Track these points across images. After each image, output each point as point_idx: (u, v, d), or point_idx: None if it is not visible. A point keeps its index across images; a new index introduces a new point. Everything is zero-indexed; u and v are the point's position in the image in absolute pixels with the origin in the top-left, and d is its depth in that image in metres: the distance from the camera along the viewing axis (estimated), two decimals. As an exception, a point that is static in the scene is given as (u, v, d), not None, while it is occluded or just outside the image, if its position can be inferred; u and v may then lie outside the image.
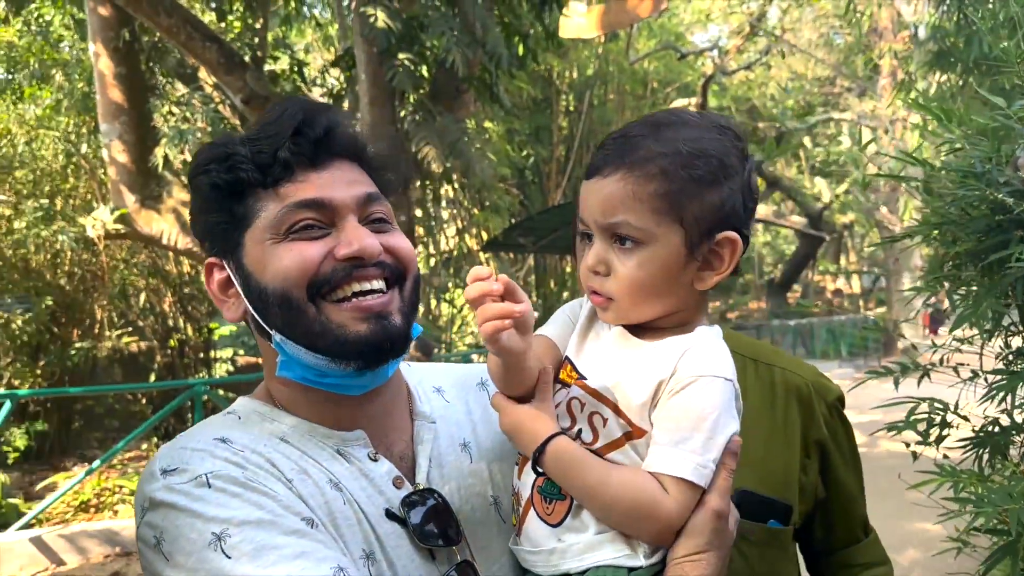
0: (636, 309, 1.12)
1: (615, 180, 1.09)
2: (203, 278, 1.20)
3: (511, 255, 16.77)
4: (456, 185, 14.52)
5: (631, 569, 1.07)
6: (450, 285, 15.69)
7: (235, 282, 1.18)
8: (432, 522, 1.15)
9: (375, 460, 1.18)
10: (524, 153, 18.10)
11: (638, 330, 1.15)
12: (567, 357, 1.18)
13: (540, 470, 1.10)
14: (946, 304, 1.83)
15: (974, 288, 1.77)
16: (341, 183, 1.16)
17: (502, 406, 1.13)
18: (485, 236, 15.44)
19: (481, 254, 15.75)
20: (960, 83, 3.84)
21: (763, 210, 28.04)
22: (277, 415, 1.19)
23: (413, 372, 1.36)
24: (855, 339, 20.99)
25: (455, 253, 16.13)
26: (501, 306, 1.03)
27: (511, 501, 1.22)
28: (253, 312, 1.17)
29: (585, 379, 1.12)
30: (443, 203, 15.65)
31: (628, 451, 1.08)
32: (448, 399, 1.35)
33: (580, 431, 1.11)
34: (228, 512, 1.00)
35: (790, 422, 1.57)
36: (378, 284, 1.14)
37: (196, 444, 1.08)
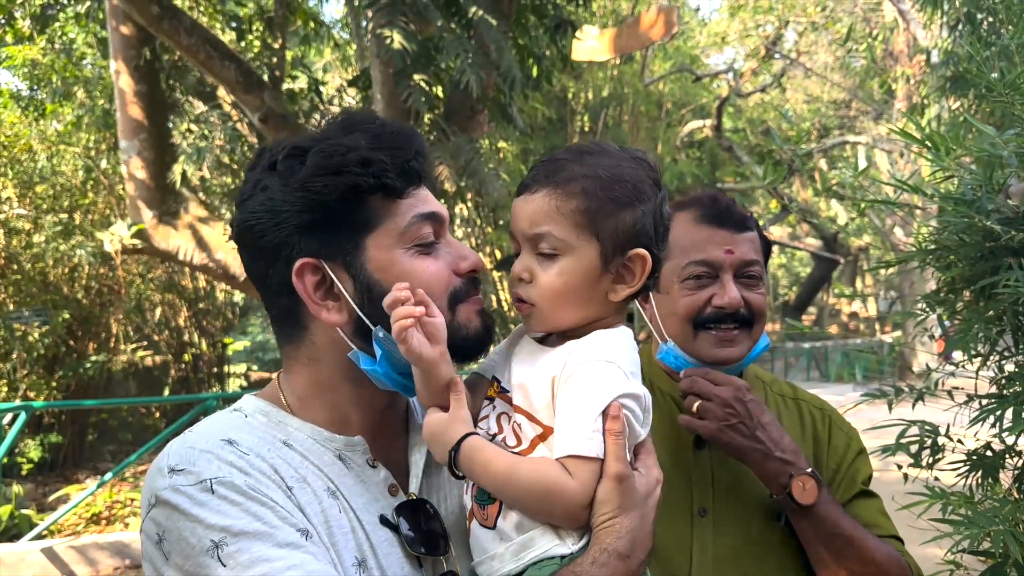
0: (556, 315, 1.22)
1: (541, 196, 1.21)
2: (293, 278, 1.18)
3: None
4: (470, 204, 14.61)
5: (563, 556, 1.13)
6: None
7: (340, 284, 1.18)
8: (422, 531, 1.20)
9: (373, 467, 1.23)
10: (538, 173, 18.16)
11: (553, 340, 1.25)
12: (494, 376, 1.27)
13: (458, 472, 1.17)
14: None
15: (968, 312, 1.80)
16: (435, 202, 1.26)
17: (429, 412, 1.20)
18: (499, 255, 15.51)
19: (495, 272, 15.81)
20: (973, 109, 3.86)
21: (778, 232, 27.98)
22: (282, 416, 1.22)
23: None
24: (870, 363, 20.84)
25: (468, 271, 16.15)
26: (409, 308, 1.12)
27: None
28: (360, 312, 1.19)
29: (507, 392, 1.23)
30: (457, 222, 15.73)
31: (542, 450, 1.16)
32: None
33: (505, 438, 1.19)
34: (227, 520, 1.05)
35: (819, 451, 1.76)
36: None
37: (203, 444, 1.12)
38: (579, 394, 1.13)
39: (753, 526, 1.66)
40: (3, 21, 11.85)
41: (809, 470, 1.55)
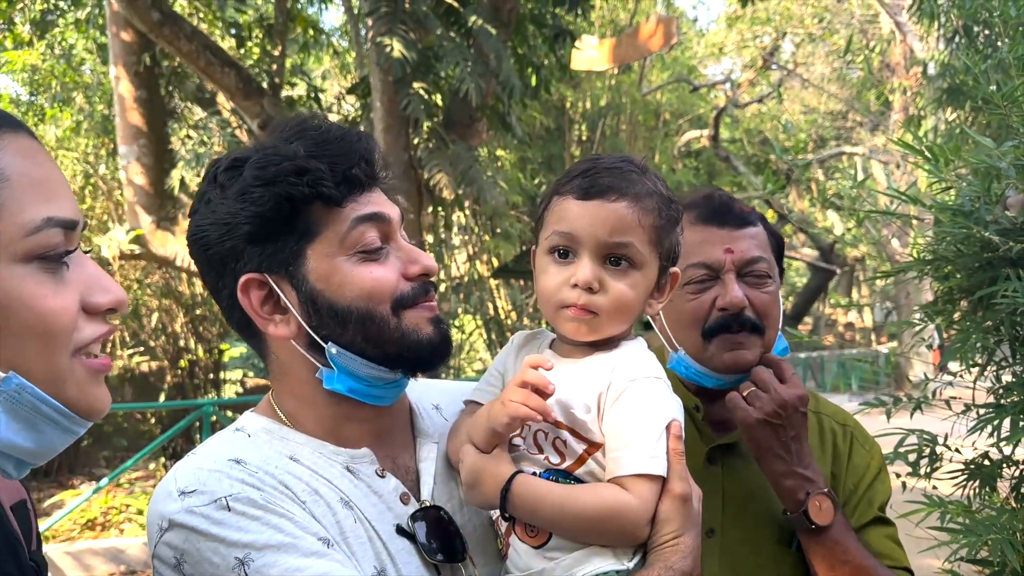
0: (612, 326, 1.22)
1: (623, 206, 1.19)
2: (238, 295, 1.16)
3: (521, 282, 16.82)
4: (468, 212, 14.61)
5: (618, 571, 1.13)
6: (460, 311, 15.73)
7: (285, 299, 1.16)
8: (438, 538, 1.19)
9: (382, 477, 1.21)
10: (536, 181, 18.20)
11: (567, 351, 1.24)
12: None
13: (508, 514, 1.16)
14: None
15: (966, 322, 1.81)
16: (385, 203, 1.20)
17: (464, 456, 1.19)
18: (496, 263, 15.51)
19: (492, 280, 15.81)
20: (969, 121, 3.88)
21: (774, 242, 27.88)
22: (285, 432, 1.20)
23: (413, 389, 1.38)
24: (866, 373, 20.84)
25: (466, 279, 16.18)
26: (543, 404, 1.13)
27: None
28: (307, 326, 1.16)
29: None
30: (454, 229, 15.72)
31: (591, 464, 1.16)
32: (446, 416, 1.37)
33: (548, 457, 1.18)
34: (250, 536, 1.04)
35: (837, 469, 1.68)
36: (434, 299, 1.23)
37: (211, 465, 1.11)
38: (638, 413, 1.14)
39: (763, 551, 1.59)
40: (3, 26, 11.87)
41: (827, 490, 1.50)
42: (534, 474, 1.18)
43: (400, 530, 1.17)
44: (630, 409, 1.14)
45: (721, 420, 1.64)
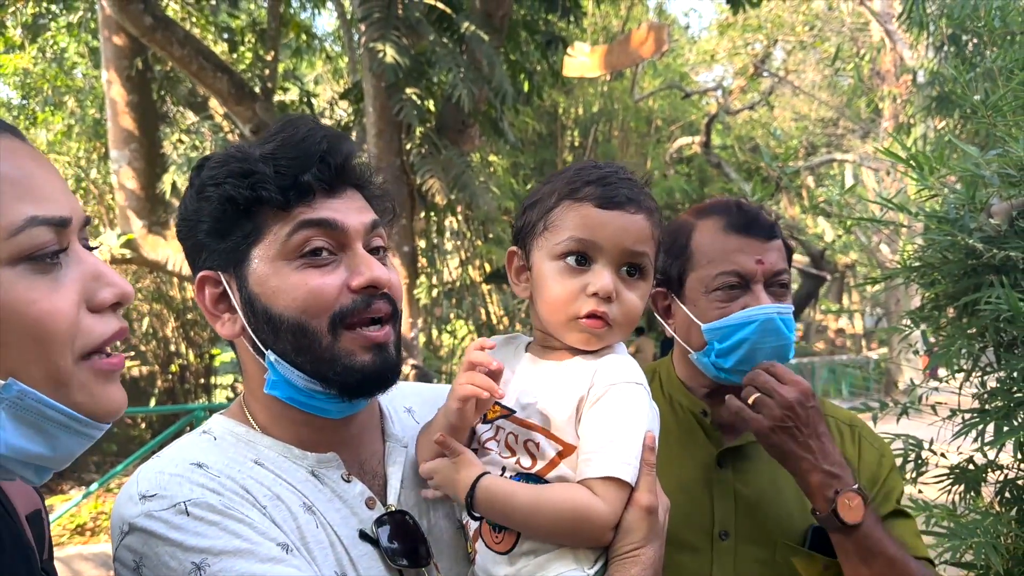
0: (618, 336, 1.24)
1: (642, 218, 1.23)
2: (193, 291, 1.19)
3: (513, 288, 16.81)
4: (460, 217, 14.62)
5: None
6: (452, 316, 15.73)
7: (233, 298, 1.16)
8: (402, 543, 1.18)
9: (348, 481, 1.20)
10: (528, 187, 18.22)
11: (544, 353, 1.26)
12: None
13: (476, 514, 1.18)
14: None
15: (951, 329, 1.83)
16: (351, 210, 1.17)
17: (432, 467, 1.21)
18: (488, 268, 15.52)
19: (484, 285, 15.82)
20: (957, 129, 3.92)
21: (765, 248, 27.95)
22: (252, 436, 1.20)
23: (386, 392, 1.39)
24: (856, 379, 20.91)
25: (457, 284, 16.18)
26: (489, 382, 1.15)
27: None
28: (249, 330, 1.16)
29: (513, 412, 1.21)
30: (447, 234, 15.74)
31: (563, 468, 1.17)
32: (418, 419, 1.36)
33: (519, 459, 1.19)
34: (207, 541, 1.03)
35: (850, 465, 1.65)
36: (385, 315, 1.16)
37: (173, 469, 1.10)
38: (616, 418, 1.15)
39: (777, 551, 1.59)
40: (-6, 30, 11.84)
41: (856, 486, 1.47)
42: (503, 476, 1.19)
43: (363, 535, 1.16)
44: (608, 413, 1.15)
45: (729, 423, 1.64)
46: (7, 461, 0.84)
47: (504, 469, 1.21)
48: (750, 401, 1.52)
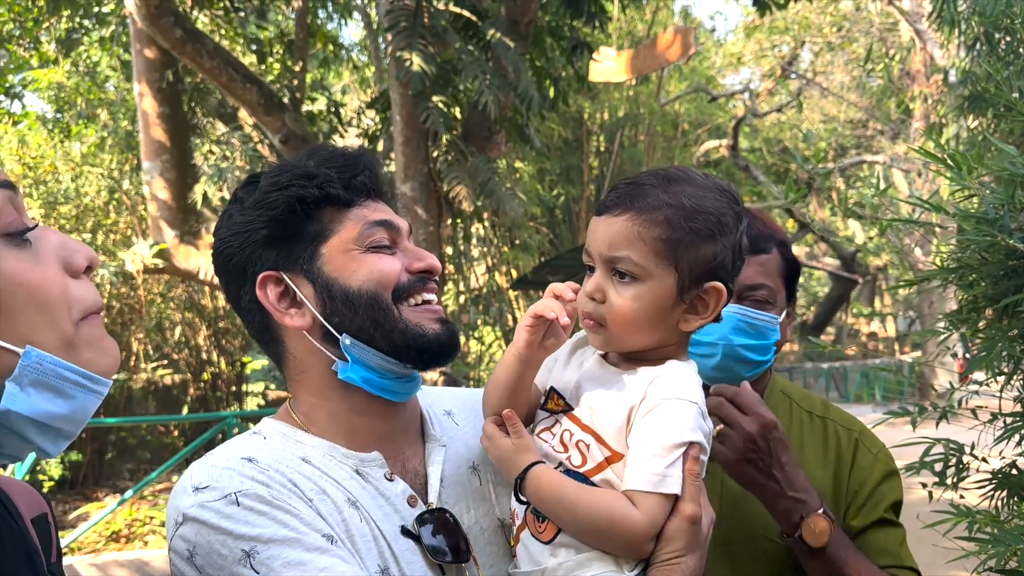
0: (623, 338, 1.23)
1: (623, 220, 1.21)
2: (256, 291, 1.26)
3: (540, 293, 16.82)
4: (487, 223, 14.66)
5: None
6: (479, 322, 15.76)
7: (300, 291, 1.25)
8: (443, 539, 1.23)
9: (391, 480, 1.26)
10: (554, 192, 18.24)
11: (617, 359, 1.26)
12: (552, 387, 1.29)
13: (523, 497, 1.21)
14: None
15: (991, 331, 1.80)
16: (393, 214, 1.32)
17: (492, 436, 1.25)
18: (515, 274, 15.54)
19: (511, 292, 15.83)
20: (991, 128, 3.86)
21: (795, 251, 27.79)
22: (300, 436, 1.26)
23: (425, 395, 1.44)
24: (889, 383, 20.64)
25: (484, 291, 16.22)
26: (562, 307, 1.20)
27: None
28: (322, 318, 1.24)
29: (571, 409, 1.24)
30: (473, 241, 15.78)
31: (608, 473, 1.18)
32: (458, 422, 1.43)
33: (570, 456, 1.21)
34: (256, 530, 1.09)
35: (840, 472, 1.72)
36: (435, 295, 1.31)
37: (225, 463, 1.17)
38: (660, 431, 1.15)
39: (758, 543, 1.64)
40: (29, 45, 12.08)
41: (821, 510, 1.51)
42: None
43: (405, 531, 1.22)
44: (655, 426, 1.15)
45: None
46: (27, 429, 0.88)
47: (559, 463, 1.23)
48: (713, 434, 1.53)
